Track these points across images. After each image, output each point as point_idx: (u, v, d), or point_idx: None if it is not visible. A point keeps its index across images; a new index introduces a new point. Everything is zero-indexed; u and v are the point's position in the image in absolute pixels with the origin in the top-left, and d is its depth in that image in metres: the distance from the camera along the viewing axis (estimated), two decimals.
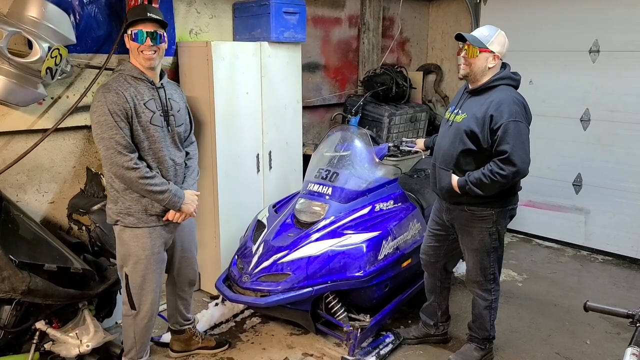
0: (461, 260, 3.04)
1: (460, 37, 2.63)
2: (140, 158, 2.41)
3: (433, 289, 3.08)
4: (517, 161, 2.47)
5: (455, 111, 2.73)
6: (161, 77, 2.53)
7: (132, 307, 2.55)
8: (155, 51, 2.39)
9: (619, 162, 4.39)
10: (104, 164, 2.37)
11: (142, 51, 2.37)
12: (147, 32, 2.35)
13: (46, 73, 2.69)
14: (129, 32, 2.37)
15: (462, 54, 2.62)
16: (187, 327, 2.97)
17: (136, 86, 2.39)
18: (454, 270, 3.21)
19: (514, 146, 2.47)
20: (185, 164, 2.67)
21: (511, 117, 2.49)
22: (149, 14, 2.37)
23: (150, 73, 2.45)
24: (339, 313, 2.99)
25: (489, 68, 2.60)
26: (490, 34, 2.60)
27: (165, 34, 2.44)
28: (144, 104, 2.38)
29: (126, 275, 2.53)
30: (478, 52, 2.56)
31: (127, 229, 2.47)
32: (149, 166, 2.43)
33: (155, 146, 2.43)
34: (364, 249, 2.92)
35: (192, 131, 2.76)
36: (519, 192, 2.77)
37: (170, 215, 2.51)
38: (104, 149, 2.32)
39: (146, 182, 2.36)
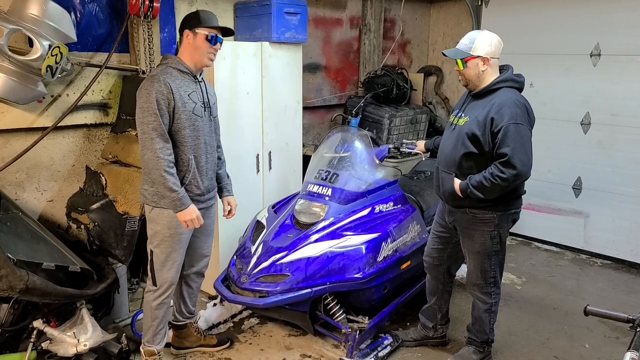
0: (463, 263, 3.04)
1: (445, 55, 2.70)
2: (176, 145, 2.53)
3: (435, 292, 3.06)
4: (517, 164, 2.46)
5: (459, 115, 2.73)
6: (200, 73, 2.69)
7: (154, 282, 2.65)
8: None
9: (619, 166, 4.39)
10: (141, 147, 2.51)
11: (210, 52, 2.58)
12: (220, 38, 2.59)
13: (46, 71, 2.68)
14: (201, 32, 2.53)
15: (456, 67, 2.68)
16: (189, 321, 2.97)
17: (182, 78, 2.56)
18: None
19: (514, 149, 2.46)
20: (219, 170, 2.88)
21: (512, 119, 2.48)
22: (219, 24, 2.61)
23: (195, 69, 2.62)
24: (337, 314, 2.98)
25: (483, 71, 2.62)
26: (471, 40, 2.62)
27: None
28: (188, 95, 2.56)
29: (151, 252, 2.63)
30: (464, 62, 2.60)
31: (156, 209, 2.57)
32: (184, 152, 2.55)
33: (195, 134, 2.59)
34: (363, 251, 2.92)
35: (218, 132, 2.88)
36: (522, 196, 2.75)
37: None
38: (140, 133, 2.47)
39: (164, 174, 2.46)
